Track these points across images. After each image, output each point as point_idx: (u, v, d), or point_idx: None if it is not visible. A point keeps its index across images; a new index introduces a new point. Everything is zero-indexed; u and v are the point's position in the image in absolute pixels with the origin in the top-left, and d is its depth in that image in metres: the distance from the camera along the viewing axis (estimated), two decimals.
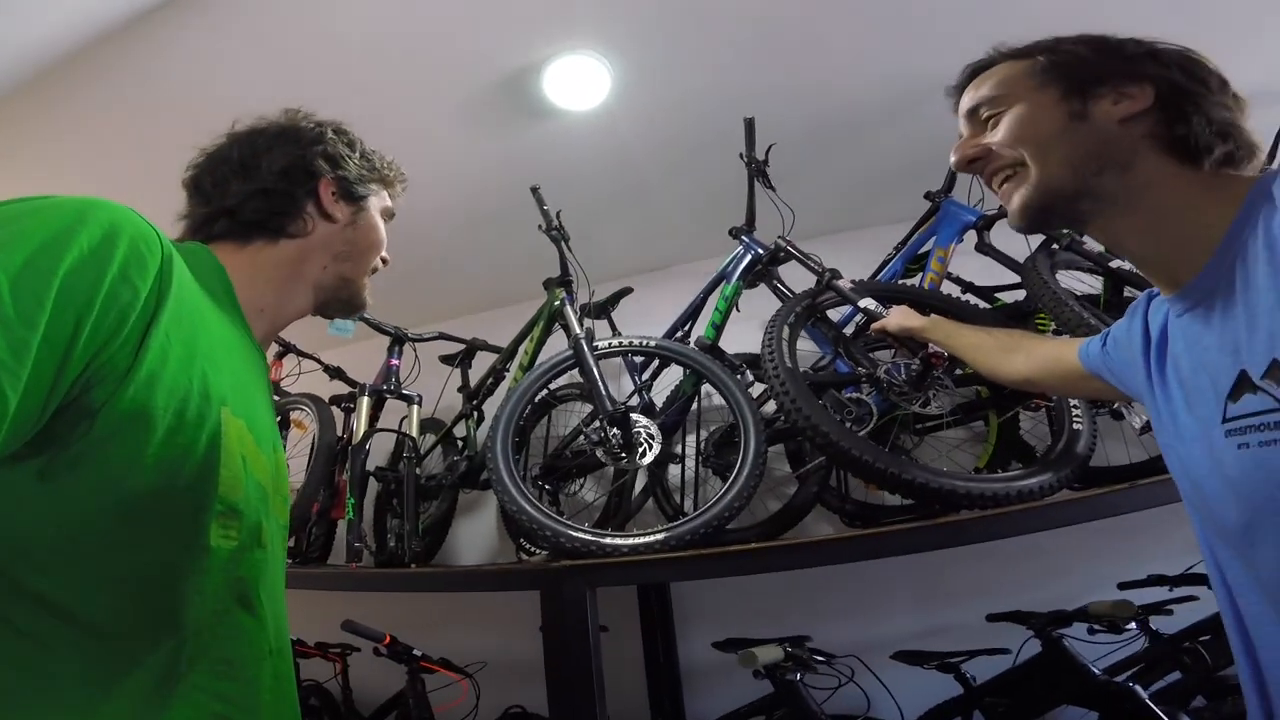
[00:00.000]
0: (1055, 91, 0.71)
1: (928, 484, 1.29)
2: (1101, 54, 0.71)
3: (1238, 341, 0.58)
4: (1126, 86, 0.68)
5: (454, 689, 1.99)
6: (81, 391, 0.48)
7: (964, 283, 2.06)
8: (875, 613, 2.15)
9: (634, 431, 1.62)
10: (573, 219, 2.02)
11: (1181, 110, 0.67)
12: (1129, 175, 0.67)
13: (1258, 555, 0.59)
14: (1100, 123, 0.69)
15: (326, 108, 0.88)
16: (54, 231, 0.48)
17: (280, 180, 0.78)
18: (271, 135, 0.81)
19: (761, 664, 1.50)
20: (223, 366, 0.62)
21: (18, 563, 0.49)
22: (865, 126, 2.16)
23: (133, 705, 0.53)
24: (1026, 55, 0.75)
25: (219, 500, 0.59)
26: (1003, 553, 1.98)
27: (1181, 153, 0.66)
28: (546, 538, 1.47)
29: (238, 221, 0.77)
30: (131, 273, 0.51)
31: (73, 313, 0.46)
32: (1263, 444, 0.55)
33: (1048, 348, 1.06)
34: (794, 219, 1.84)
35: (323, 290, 0.83)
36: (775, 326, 1.59)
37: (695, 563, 1.35)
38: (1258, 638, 0.63)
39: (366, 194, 0.86)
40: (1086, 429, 1.45)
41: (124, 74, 1.77)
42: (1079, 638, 1.53)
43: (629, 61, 1.89)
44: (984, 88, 0.77)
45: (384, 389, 2.27)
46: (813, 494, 1.95)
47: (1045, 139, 0.71)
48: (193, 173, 0.81)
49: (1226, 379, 0.58)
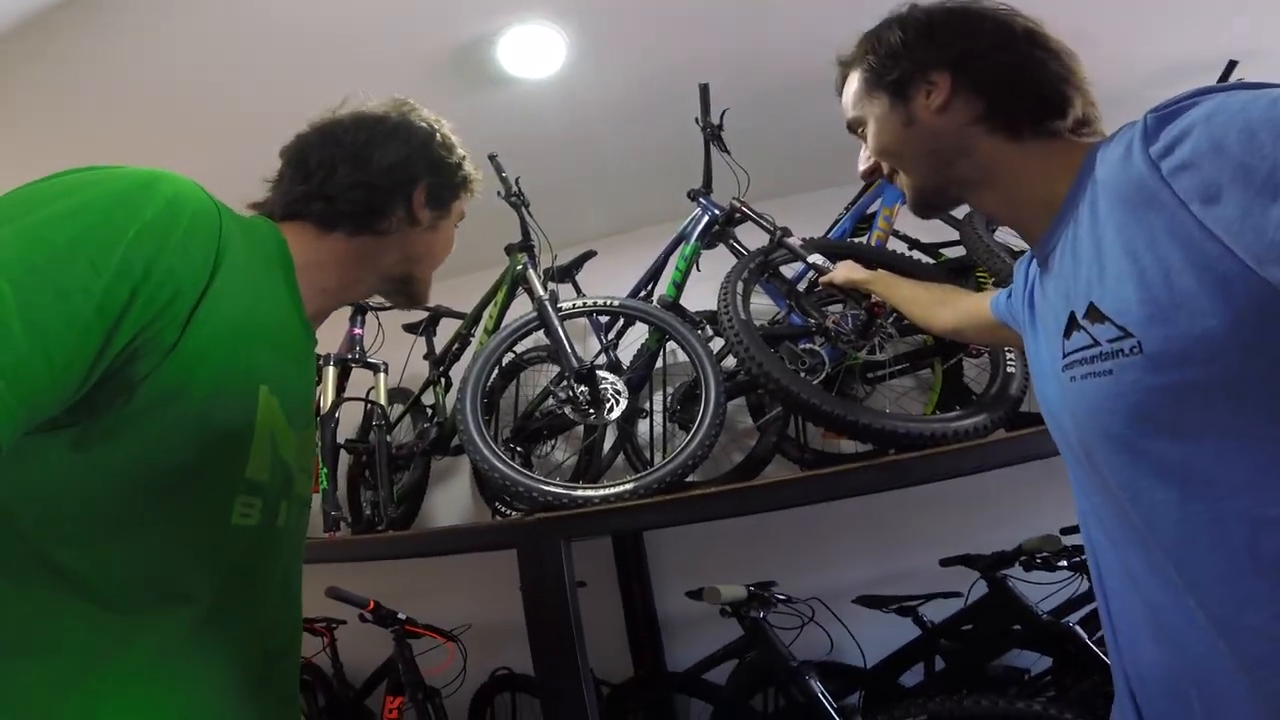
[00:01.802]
0: (884, 100, 0.77)
1: (870, 425, 1.38)
2: (905, 44, 0.75)
3: (1068, 289, 0.65)
4: (929, 75, 0.73)
5: (440, 653, 2.03)
6: (127, 362, 0.48)
7: (910, 239, 2.17)
8: (837, 561, 2.27)
9: (600, 388, 1.68)
10: (533, 185, 2.03)
11: (980, 86, 0.71)
12: (974, 159, 0.73)
13: (1092, 482, 0.66)
14: (925, 121, 0.74)
15: (281, 78, 0.88)
16: (118, 202, 0.48)
17: (386, 176, 0.78)
18: (388, 128, 0.81)
19: (725, 601, 1.59)
20: (267, 345, 0.63)
21: (42, 531, 0.49)
22: (815, 91, 2.17)
23: (138, 677, 0.53)
24: (859, 61, 0.81)
25: (244, 478, 0.60)
26: (953, 500, 2.13)
27: (1005, 128, 0.71)
28: (520, 494, 1.53)
29: (332, 209, 0.76)
30: (190, 246, 0.51)
31: (128, 284, 0.46)
32: (1084, 376, 0.62)
33: (969, 301, 1.15)
34: (749, 181, 1.89)
35: (389, 281, 0.85)
36: (730, 283, 1.66)
37: (663, 509, 1.42)
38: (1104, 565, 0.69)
39: (452, 200, 0.87)
40: (1019, 372, 1.57)
41: (55, 54, 1.70)
42: (1023, 579, 1.64)
43: (584, 30, 1.89)
44: (845, 106, 0.85)
45: (349, 358, 2.27)
46: (773, 444, 2.05)
47: (894, 150, 0.79)
48: (298, 145, 0.80)
49: (1062, 319, 0.65)
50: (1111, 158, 0.59)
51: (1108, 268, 0.59)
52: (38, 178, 0.50)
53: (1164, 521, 0.56)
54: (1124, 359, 0.57)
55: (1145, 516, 0.58)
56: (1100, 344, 0.59)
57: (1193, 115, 0.52)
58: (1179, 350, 0.52)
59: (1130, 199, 0.56)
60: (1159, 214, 0.53)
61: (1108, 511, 0.65)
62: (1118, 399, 0.58)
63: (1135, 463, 0.58)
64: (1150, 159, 0.54)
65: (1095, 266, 0.60)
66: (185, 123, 1.89)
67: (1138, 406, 0.56)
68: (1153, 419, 0.56)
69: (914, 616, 1.81)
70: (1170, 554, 0.56)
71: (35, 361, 0.41)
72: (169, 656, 0.55)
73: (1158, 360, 0.54)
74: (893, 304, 1.35)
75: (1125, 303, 0.57)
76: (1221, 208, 0.49)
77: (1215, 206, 0.49)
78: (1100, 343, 0.59)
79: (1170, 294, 0.53)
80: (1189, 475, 0.54)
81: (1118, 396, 0.58)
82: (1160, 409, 0.55)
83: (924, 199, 0.81)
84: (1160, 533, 0.57)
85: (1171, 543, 0.56)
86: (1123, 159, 0.57)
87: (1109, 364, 0.59)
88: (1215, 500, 0.52)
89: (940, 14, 0.75)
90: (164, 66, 1.76)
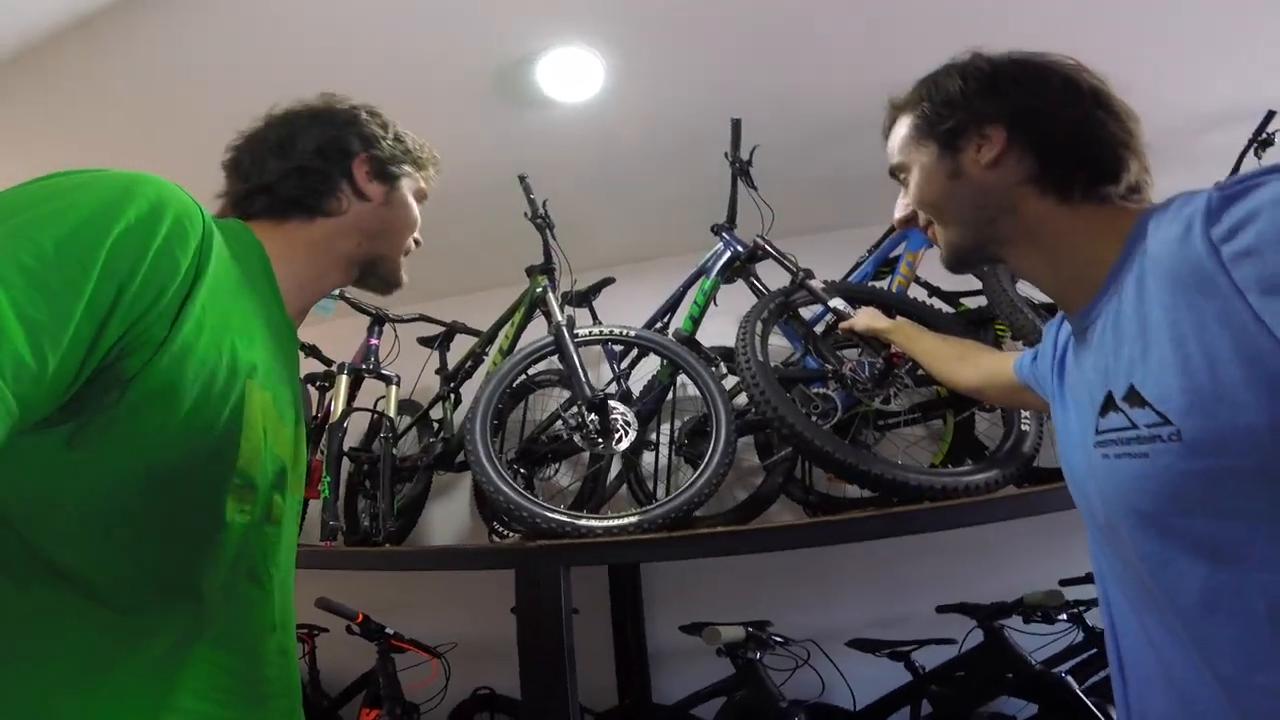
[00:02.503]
0: (933, 149, 0.75)
1: (883, 475, 1.37)
2: (963, 94, 0.73)
3: (1108, 366, 0.64)
4: (984, 129, 0.71)
5: (423, 669, 2.01)
6: (116, 359, 0.49)
7: (931, 287, 2.16)
8: (833, 602, 2.25)
9: (611, 418, 1.67)
10: (558, 208, 2.06)
11: (1036, 144, 0.69)
12: (1018, 217, 0.71)
13: (1116, 550, 0.67)
14: (973, 175, 0.72)
15: (323, 85, 0.89)
16: (103, 203, 0.49)
17: (316, 158, 0.80)
18: (307, 116, 0.83)
19: (724, 641, 1.57)
20: (254, 340, 0.63)
21: (39, 530, 0.50)
22: (846, 131, 2.23)
23: (139, 677, 0.53)
24: (912, 106, 0.79)
25: (237, 474, 0.60)
26: (953, 548, 2.11)
27: (1056, 190, 0.69)
28: (523, 519, 1.52)
29: (275, 199, 0.78)
30: (174, 245, 0.53)
31: (115, 282, 0.47)
32: (1118, 455, 0.62)
33: (992, 360, 1.12)
34: (774, 218, 1.91)
35: (358, 267, 0.85)
36: (750, 322, 1.65)
37: (666, 544, 1.41)
38: (1120, 626, 0.70)
39: (400, 173, 0.87)
40: (1033, 430, 1.55)
41: (122, 48, 1.76)
42: (1020, 629, 1.64)
43: (622, 57, 1.92)
44: (891, 150, 0.83)
45: (363, 368, 2.27)
46: (778, 484, 2.03)
47: (936, 202, 0.77)
48: (232, 154, 0.82)
49: (1099, 397, 0.65)
50: (1168, 235, 0.58)
51: (1151, 350, 0.58)
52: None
53: (1187, 591, 0.57)
54: (1161, 444, 0.56)
55: (1166, 586, 0.59)
56: (1138, 428, 0.59)
57: (1260, 197, 0.50)
58: (1217, 439, 0.52)
59: (1184, 281, 0.55)
60: (1211, 300, 0.52)
61: (1128, 576, 0.66)
62: (1151, 480, 0.58)
63: (1163, 538, 0.58)
64: (1211, 241, 0.52)
65: (1139, 345, 0.59)
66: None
67: (1171, 489, 0.56)
68: (1185, 500, 0.56)
69: (906, 661, 1.79)
70: (1184, 618, 0.58)
71: (28, 358, 0.42)
72: (176, 655, 0.55)
73: (1195, 447, 0.54)
74: (913, 355, 1.34)
75: (1167, 389, 0.56)
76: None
77: (1275, 299, 0.48)
78: (1138, 426, 0.59)
79: (1214, 385, 0.52)
80: (1217, 551, 0.55)
81: (1152, 478, 0.58)
82: (1194, 491, 0.55)
83: (960, 255, 0.78)
84: (1180, 600, 0.58)
85: (1191, 610, 0.57)
86: (1181, 238, 0.55)
87: (1145, 447, 0.58)
88: (1242, 574, 0.53)
89: (1005, 65, 0.73)
90: (206, 87, 1.82)
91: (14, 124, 1.94)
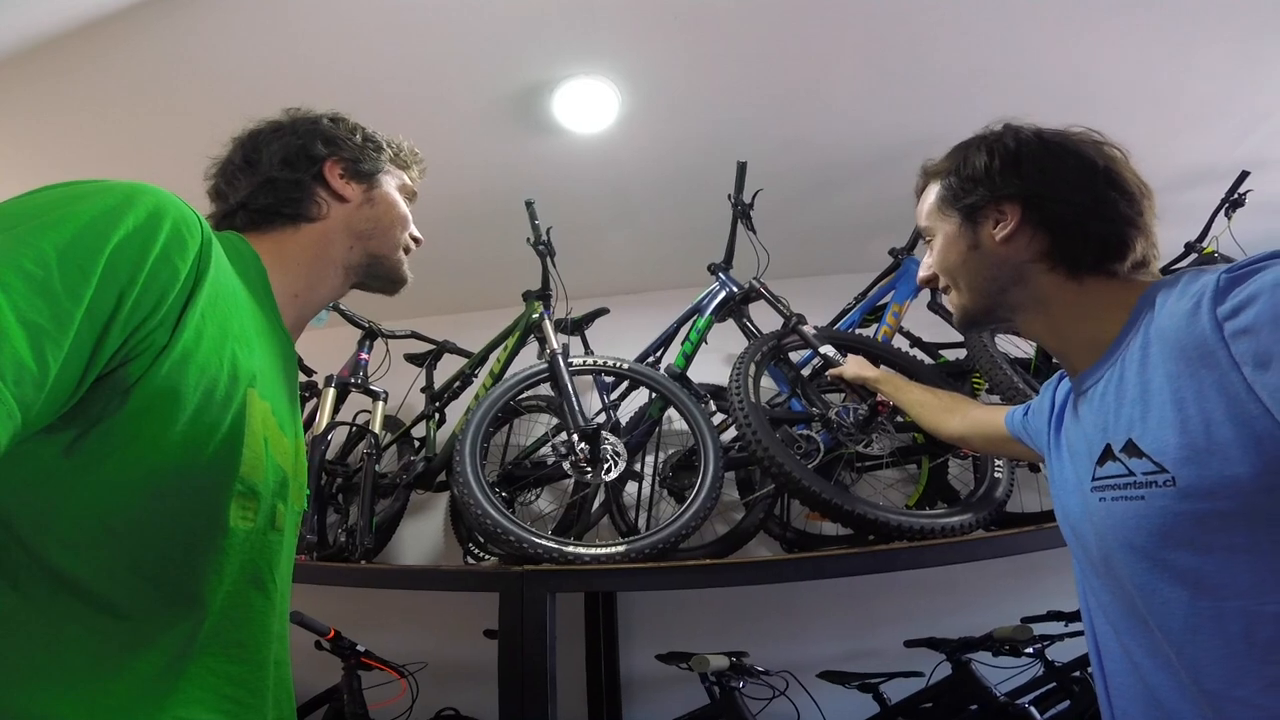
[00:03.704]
0: (956, 220, 0.82)
1: (866, 515, 1.43)
2: (987, 171, 0.79)
3: (1107, 421, 0.71)
4: (1002, 205, 0.78)
5: (387, 688, 1.98)
6: (118, 365, 0.50)
7: (913, 337, 2.26)
8: (805, 635, 2.29)
9: (602, 448, 1.70)
10: (559, 235, 2.10)
11: (1048, 225, 0.76)
12: (1027, 289, 0.78)
13: (1105, 585, 0.74)
14: (989, 248, 0.79)
15: (339, 106, 0.91)
16: (102, 211, 0.50)
17: (283, 169, 0.80)
18: (269, 131, 0.84)
19: (712, 669, 1.61)
20: (253, 349, 0.64)
21: (41, 537, 0.49)
22: (842, 180, 2.34)
23: (143, 685, 0.53)
24: (942, 175, 0.86)
25: (239, 480, 0.60)
26: (922, 586, 2.19)
27: (1066, 266, 0.75)
28: (510, 542, 1.52)
29: (251, 212, 0.79)
30: (173, 253, 0.53)
31: (115, 288, 0.48)
32: (1114, 499, 0.69)
33: (980, 412, 1.21)
34: (769, 260, 1.98)
35: (355, 270, 0.85)
36: (744, 363, 1.71)
37: (655, 574, 1.43)
38: (1105, 650, 0.77)
39: (376, 171, 0.87)
40: (1005, 478, 1.64)
41: (142, 48, 1.76)
42: (985, 663, 1.71)
43: (639, 91, 1.97)
44: (920, 214, 0.90)
45: (351, 382, 2.26)
46: (759, 520, 2.07)
47: (954, 269, 0.83)
48: (211, 182, 0.84)
49: (1097, 449, 0.72)
50: (1178, 309, 0.64)
51: (1152, 411, 0.65)
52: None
53: (1173, 616, 0.64)
54: (1157, 489, 0.64)
55: (1155, 611, 0.66)
56: (1135, 475, 0.66)
57: (1261, 281, 0.57)
58: (1208, 487, 0.60)
59: (1189, 354, 0.61)
60: (1212, 370, 0.59)
61: (1115, 605, 0.73)
62: (1146, 519, 0.65)
63: (1153, 569, 0.65)
64: (1216, 319, 0.59)
65: (1139, 407, 0.67)
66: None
67: (1163, 527, 0.64)
68: (1175, 537, 0.63)
69: (875, 693, 1.84)
70: (1172, 641, 0.64)
71: (30, 362, 0.42)
72: (179, 664, 0.55)
73: (1188, 493, 0.61)
74: (900, 405, 1.41)
75: (1165, 444, 0.63)
76: (1269, 375, 0.55)
77: (1265, 373, 0.55)
78: (1135, 474, 0.66)
79: (1208, 442, 0.59)
80: (1200, 580, 0.62)
81: (1146, 518, 0.65)
82: (1183, 530, 0.62)
83: (970, 319, 0.85)
84: (1167, 624, 0.65)
85: (1177, 633, 0.64)
86: (1190, 314, 0.62)
87: (1141, 491, 0.66)
88: (1220, 600, 0.60)
89: (1029, 146, 0.79)
90: (219, 103, 1.82)
91: (15, 125, 1.92)
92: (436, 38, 1.78)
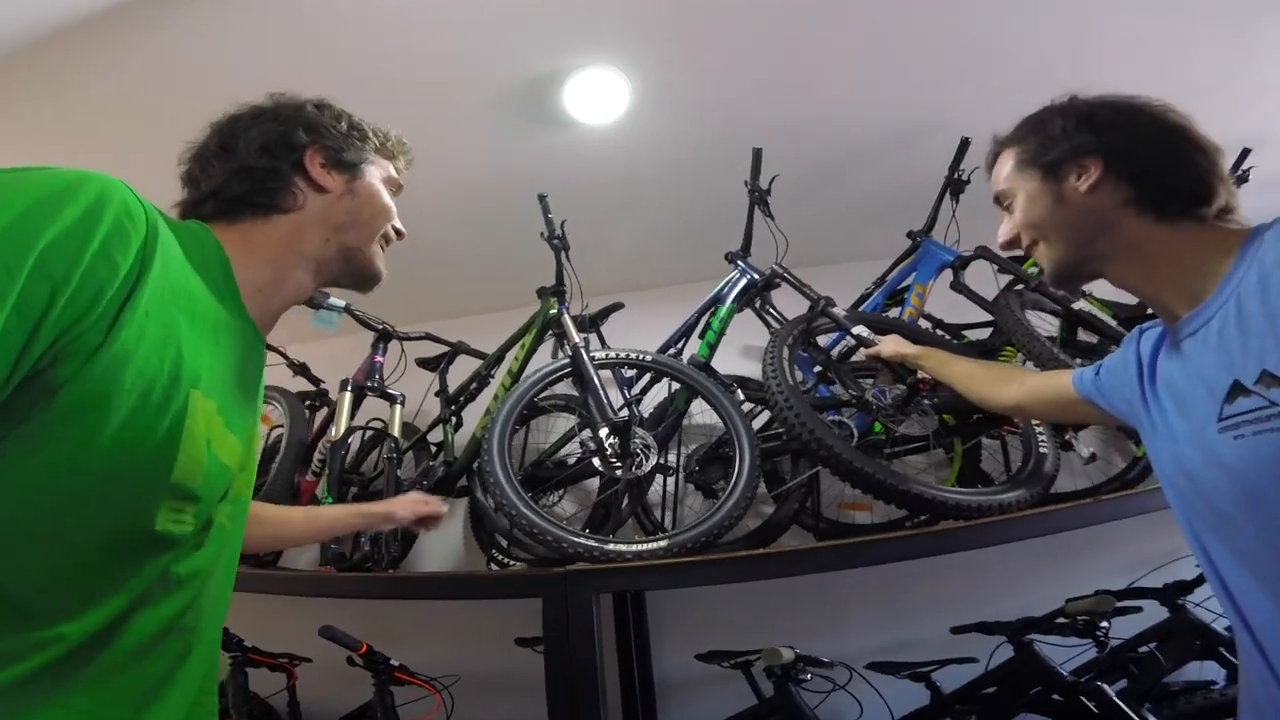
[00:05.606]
0: (1037, 178, 0.86)
1: (922, 495, 1.40)
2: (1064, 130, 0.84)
3: (1232, 357, 0.69)
4: (1083, 160, 0.81)
5: (419, 704, 1.90)
6: (46, 366, 0.47)
7: (934, 319, 2.23)
8: (845, 628, 2.25)
9: (633, 442, 1.65)
10: (570, 230, 2.05)
11: (1131, 174, 0.79)
12: (1117, 236, 0.80)
13: (1240, 533, 0.71)
14: (1074, 200, 0.82)
15: (346, 100, 0.88)
16: (37, 202, 0.47)
17: (260, 156, 0.77)
18: (250, 116, 0.81)
19: (782, 663, 1.59)
20: (202, 347, 0.62)
21: None
22: (858, 164, 2.32)
23: (43, 687, 0.51)
24: (1016, 141, 0.90)
25: (172, 485, 0.58)
26: (959, 571, 2.14)
27: (1154, 211, 0.78)
28: (548, 542, 1.48)
29: (222, 200, 0.76)
30: (113, 248, 0.51)
31: (48, 286, 0.46)
32: (1256, 433, 0.66)
33: (1038, 379, 1.20)
34: (788, 247, 1.95)
35: (327, 264, 0.81)
36: (776, 347, 1.67)
37: (701, 568, 1.39)
38: (1246, 607, 0.73)
39: (360, 161, 0.84)
40: (1051, 452, 1.60)
41: (135, 46, 1.72)
42: (1048, 641, 1.64)
43: (650, 81, 1.96)
44: (996, 180, 0.93)
45: (367, 385, 2.20)
46: (792, 511, 2.03)
47: (1041, 224, 0.86)
48: (184, 166, 0.81)
49: (1221, 387, 0.70)
50: None
51: None
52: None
53: None
54: None
55: None
56: (1276, 405, 0.65)
57: None
58: None
59: None
60: None
61: (1262, 550, 0.69)
62: None
63: None
64: None
65: (1270, 338, 0.65)
66: None
67: None
68: None
69: (927, 682, 1.79)
70: None
71: None
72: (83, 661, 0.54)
73: None
74: (945, 380, 1.38)
75: None
76: None
77: None
78: (1276, 404, 0.65)
79: None
80: None
81: None
82: None
83: (1064, 270, 0.86)
84: None
85: None
86: None
87: None
88: None
89: (1101, 106, 0.83)
90: (228, 95, 1.79)
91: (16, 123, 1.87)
92: (446, 32, 1.75)
